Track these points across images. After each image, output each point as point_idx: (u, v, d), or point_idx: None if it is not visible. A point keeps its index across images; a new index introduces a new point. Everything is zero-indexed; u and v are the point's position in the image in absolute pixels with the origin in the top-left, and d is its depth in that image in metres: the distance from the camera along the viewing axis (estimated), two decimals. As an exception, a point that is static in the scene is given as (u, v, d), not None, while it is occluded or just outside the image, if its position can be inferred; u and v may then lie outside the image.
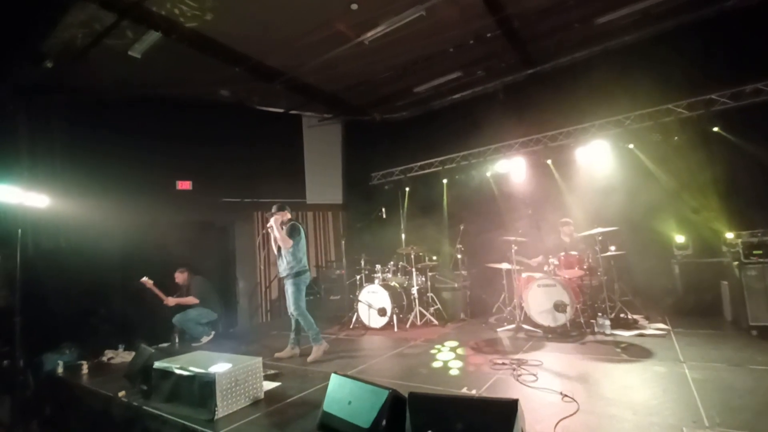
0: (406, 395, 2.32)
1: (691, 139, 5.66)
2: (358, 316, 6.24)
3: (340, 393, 2.58)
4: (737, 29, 5.15)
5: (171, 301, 5.83)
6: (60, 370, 4.60)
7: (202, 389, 2.97)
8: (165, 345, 5.70)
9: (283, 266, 4.62)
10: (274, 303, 8.01)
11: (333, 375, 2.71)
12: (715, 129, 5.52)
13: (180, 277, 6.10)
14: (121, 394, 3.58)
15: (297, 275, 4.58)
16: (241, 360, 3.23)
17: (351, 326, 6.20)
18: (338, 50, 5.81)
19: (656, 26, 5.62)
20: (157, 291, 5.72)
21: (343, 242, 8.20)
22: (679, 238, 5.81)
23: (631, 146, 6.15)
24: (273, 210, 4.66)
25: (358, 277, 6.73)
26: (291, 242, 4.55)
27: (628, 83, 5.81)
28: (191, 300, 5.94)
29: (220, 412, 2.93)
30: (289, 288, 4.60)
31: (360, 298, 6.20)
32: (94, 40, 4.96)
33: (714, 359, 3.61)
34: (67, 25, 4.74)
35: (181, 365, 3.18)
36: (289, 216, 4.73)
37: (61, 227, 5.59)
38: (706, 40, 5.24)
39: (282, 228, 4.57)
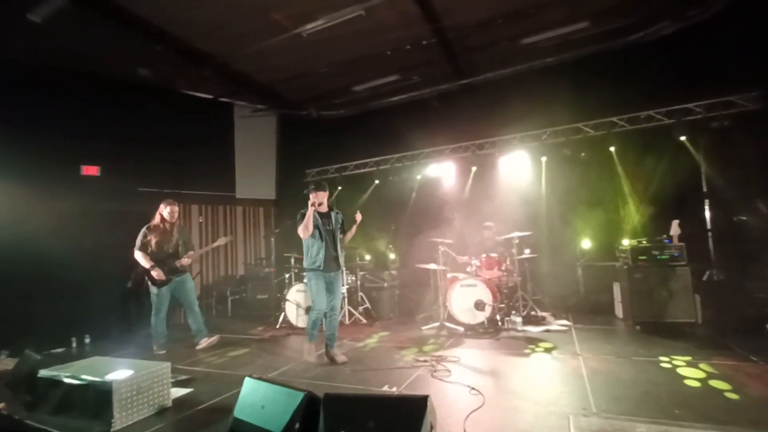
0: (323, 396, 2.30)
1: (596, 157, 6.34)
2: (285, 316, 6.07)
3: (253, 397, 2.47)
4: (639, 60, 5.81)
5: (194, 254, 4.75)
6: None
7: (97, 399, 2.69)
8: (60, 350, 5.06)
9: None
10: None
11: (247, 378, 2.59)
12: (612, 148, 6.23)
13: (173, 211, 4.64)
14: (0, 406, 3.12)
15: None
16: (146, 366, 2.98)
17: (277, 326, 6.02)
18: (274, 40, 5.60)
19: (574, 52, 6.17)
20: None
21: (273, 239, 7.91)
22: (585, 244, 6.51)
23: (543, 159, 6.72)
24: (313, 187, 4.07)
25: (287, 275, 6.54)
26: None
27: (547, 101, 6.30)
28: (196, 252, 4.86)
29: (118, 423, 2.67)
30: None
31: (288, 297, 6.04)
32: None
33: (605, 352, 4.08)
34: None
35: (72, 373, 2.84)
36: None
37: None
38: (615, 68, 5.85)
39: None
